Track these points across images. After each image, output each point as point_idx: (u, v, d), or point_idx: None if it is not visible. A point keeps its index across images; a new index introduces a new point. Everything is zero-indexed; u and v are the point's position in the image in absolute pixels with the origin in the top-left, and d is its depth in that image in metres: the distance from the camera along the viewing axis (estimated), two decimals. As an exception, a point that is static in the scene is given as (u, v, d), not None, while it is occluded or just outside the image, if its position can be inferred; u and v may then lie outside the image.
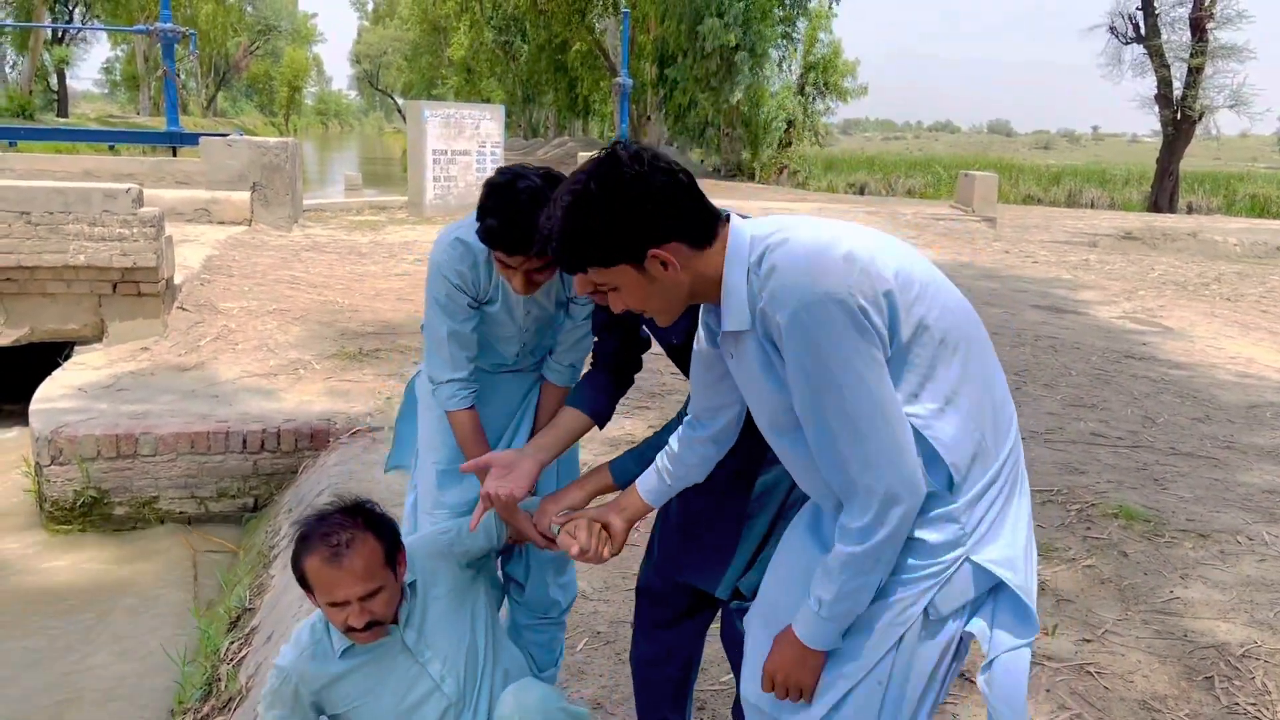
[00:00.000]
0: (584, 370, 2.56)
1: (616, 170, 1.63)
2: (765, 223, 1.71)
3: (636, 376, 2.57)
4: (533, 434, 2.55)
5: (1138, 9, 25.14)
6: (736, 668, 2.37)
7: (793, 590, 1.84)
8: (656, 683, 2.50)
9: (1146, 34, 24.98)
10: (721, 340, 1.76)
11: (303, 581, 2.08)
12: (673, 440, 2.10)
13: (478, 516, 2.28)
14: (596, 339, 2.50)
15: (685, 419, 2.10)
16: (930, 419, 1.64)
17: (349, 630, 2.07)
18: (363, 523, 2.09)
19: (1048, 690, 2.97)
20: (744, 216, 1.78)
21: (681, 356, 2.26)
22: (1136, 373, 7.14)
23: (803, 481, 1.83)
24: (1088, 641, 3.27)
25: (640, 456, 2.23)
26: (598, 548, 2.11)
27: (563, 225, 1.66)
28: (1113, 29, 25.69)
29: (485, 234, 2.20)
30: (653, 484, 2.13)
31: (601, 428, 2.50)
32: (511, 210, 2.14)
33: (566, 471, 2.69)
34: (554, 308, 2.54)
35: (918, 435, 1.63)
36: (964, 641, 1.77)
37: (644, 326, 2.39)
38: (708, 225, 1.69)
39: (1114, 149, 69.01)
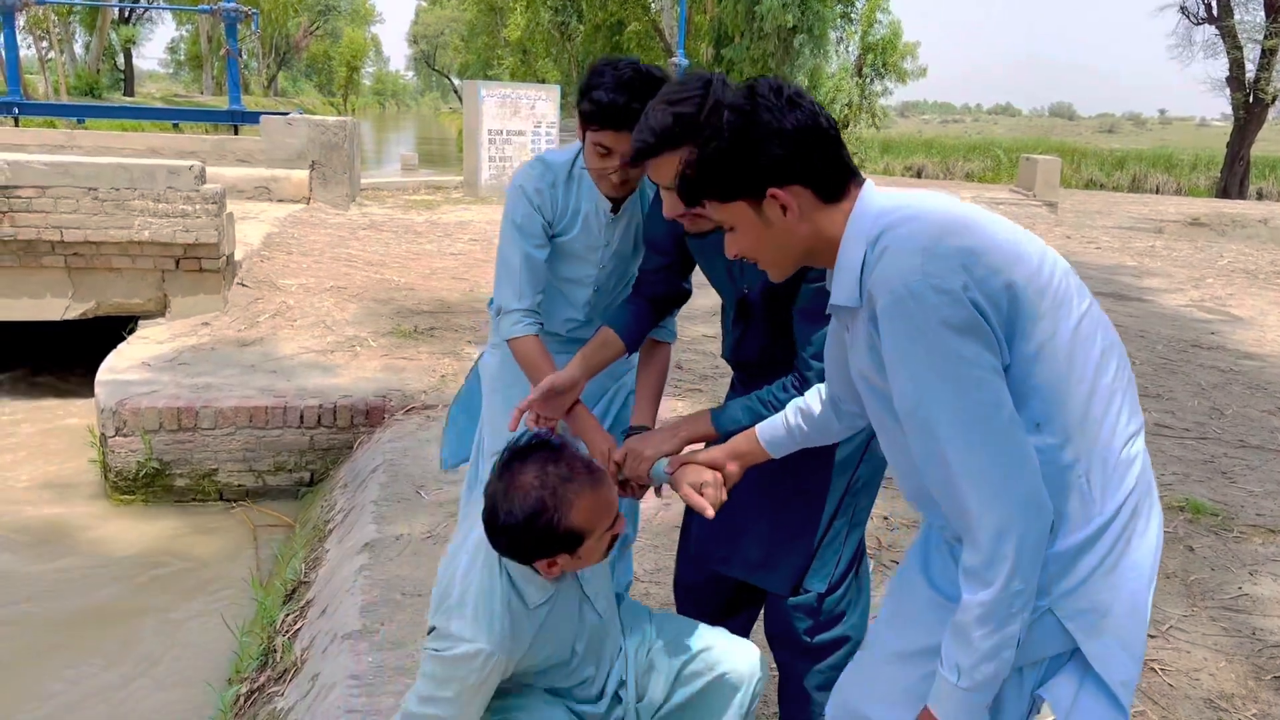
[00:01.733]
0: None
1: (752, 102, 1.55)
2: (898, 196, 1.58)
3: (687, 360, 2.54)
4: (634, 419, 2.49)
5: (1211, -12, 24.43)
6: (784, 666, 2.34)
7: (905, 634, 1.70)
8: None
9: (1219, 14, 24.28)
10: (834, 313, 1.65)
11: (569, 534, 1.83)
12: (813, 395, 1.99)
13: (515, 420, 2.22)
14: (642, 262, 2.44)
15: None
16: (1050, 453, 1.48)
17: (610, 546, 1.92)
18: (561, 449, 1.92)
19: (1110, 686, 2.90)
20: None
21: (748, 313, 2.19)
22: (1204, 362, 6.95)
23: (906, 487, 1.70)
24: (1152, 638, 3.19)
25: (749, 409, 2.14)
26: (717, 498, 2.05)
27: (693, 158, 1.60)
28: (1184, 9, 25.03)
29: (590, 110, 2.19)
30: (778, 435, 2.03)
31: (629, 353, 2.44)
32: (616, 84, 2.16)
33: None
34: (632, 249, 2.52)
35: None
36: (1034, 703, 1.59)
37: (709, 276, 2.31)
38: (839, 179, 1.58)
39: (1181, 133, 67.19)
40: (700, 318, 7.25)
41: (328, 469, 5.48)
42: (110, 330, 6.95)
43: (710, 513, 2.01)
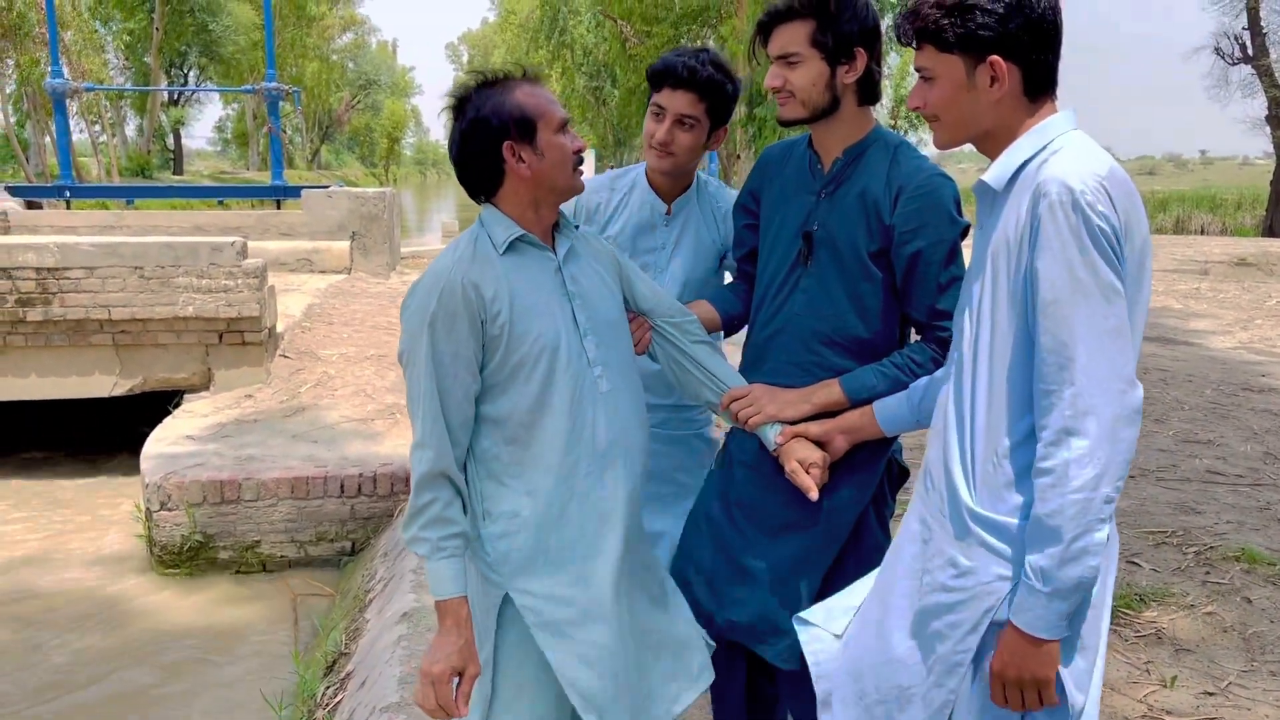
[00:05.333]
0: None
1: None
2: (1088, 140, 1.65)
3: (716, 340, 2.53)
4: None
5: (1244, 29, 24.32)
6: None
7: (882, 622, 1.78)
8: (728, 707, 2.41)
9: (1254, 54, 24.14)
10: (977, 193, 1.72)
11: (518, 114, 1.89)
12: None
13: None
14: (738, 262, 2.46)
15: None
16: None
17: (575, 165, 1.95)
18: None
19: (1168, 748, 2.80)
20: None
21: (807, 256, 2.14)
22: (1255, 406, 6.79)
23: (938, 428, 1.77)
24: (1210, 695, 3.08)
25: (883, 374, 2.11)
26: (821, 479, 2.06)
27: None
28: (1218, 50, 24.92)
29: (655, 67, 2.39)
30: (898, 412, 2.05)
31: (727, 335, 2.46)
32: (685, 51, 2.38)
33: None
34: (702, 274, 2.57)
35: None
36: None
37: (771, 219, 2.28)
38: (1046, 83, 1.66)
39: (1224, 173, 66.58)
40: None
41: (368, 538, 5.50)
42: (156, 403, 7.07)
43: (814, 495, 2.03)
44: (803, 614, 1.96)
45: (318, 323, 8.97)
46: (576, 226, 2.08)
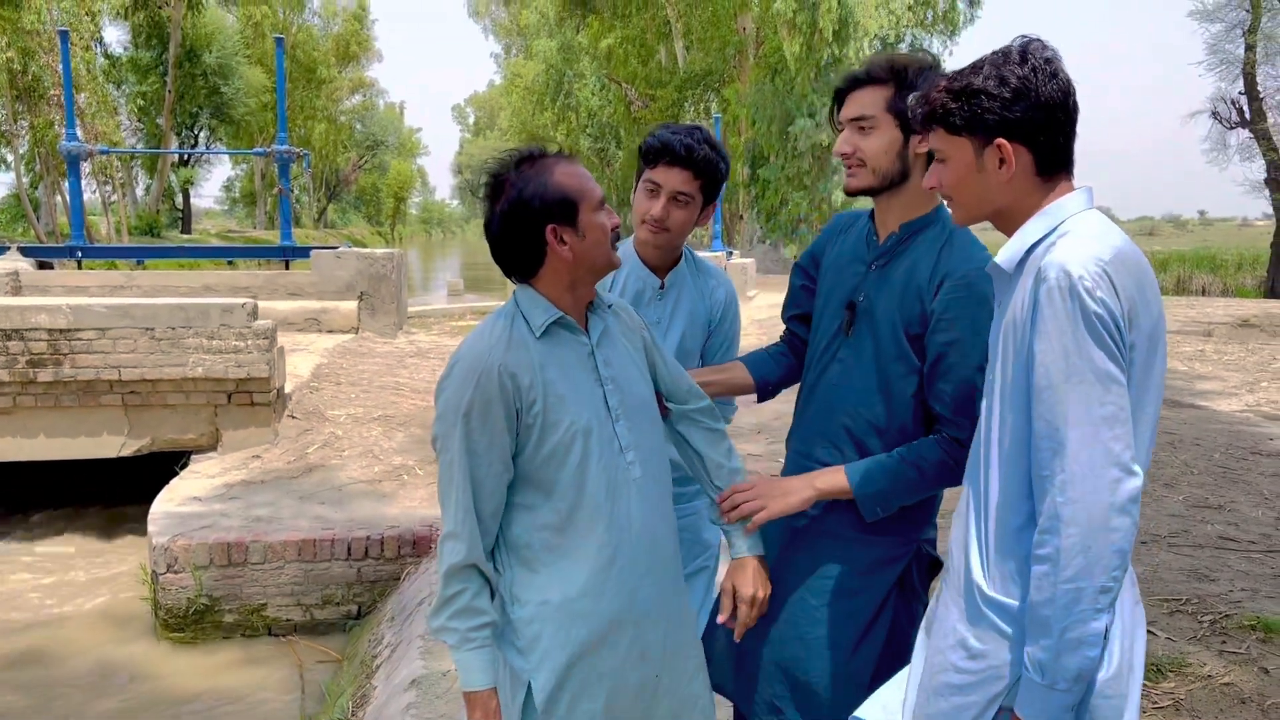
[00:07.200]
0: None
1: (1024, 58, 1.66)
2: (1102, 220, 1.67)
3: (745, 406, 2.54)
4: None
5: (1240, 93, 24.65)
6: None
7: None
8: None
9: (1252, 118, 24.44)
10: (992, 275, 1.76)
11: (560, 195, 1.88)
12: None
13: None
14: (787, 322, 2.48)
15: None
16: None
17: (613, 241, 1.95)
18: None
19: (1190, 824, 2.75)
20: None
21: (849, 325, 2.16)
22: (1265, 470, 6.76)
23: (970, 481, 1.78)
24: (1231, 769, 3.03)
25: (887, 470, 2.08)
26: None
27: (951, 76, 1.71)
28: (1215, 114, 25.22)
29: (649, 143, 2.41)
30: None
31: (760, 400, 2.47)
32: (678, 129, 2.41)
33: None
34: (695, 346, 2.60)
35: None
36: None
37: (824, 287, 2.30)
38: (1059, 161, 1.69)
39: (1223, 233, 66.95)
40: (745, 434, 7.23)
41: (375, 601, 5.46)
42: (164, 465, 7.07)
43: (725, 621, 2.08)
44: (859, 713, 1.93)
45: (326, 383, 8.99)
46: (609, 306, 2.07)
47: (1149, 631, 3.98)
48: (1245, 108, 24.64)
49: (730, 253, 20.11)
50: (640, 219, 2.48)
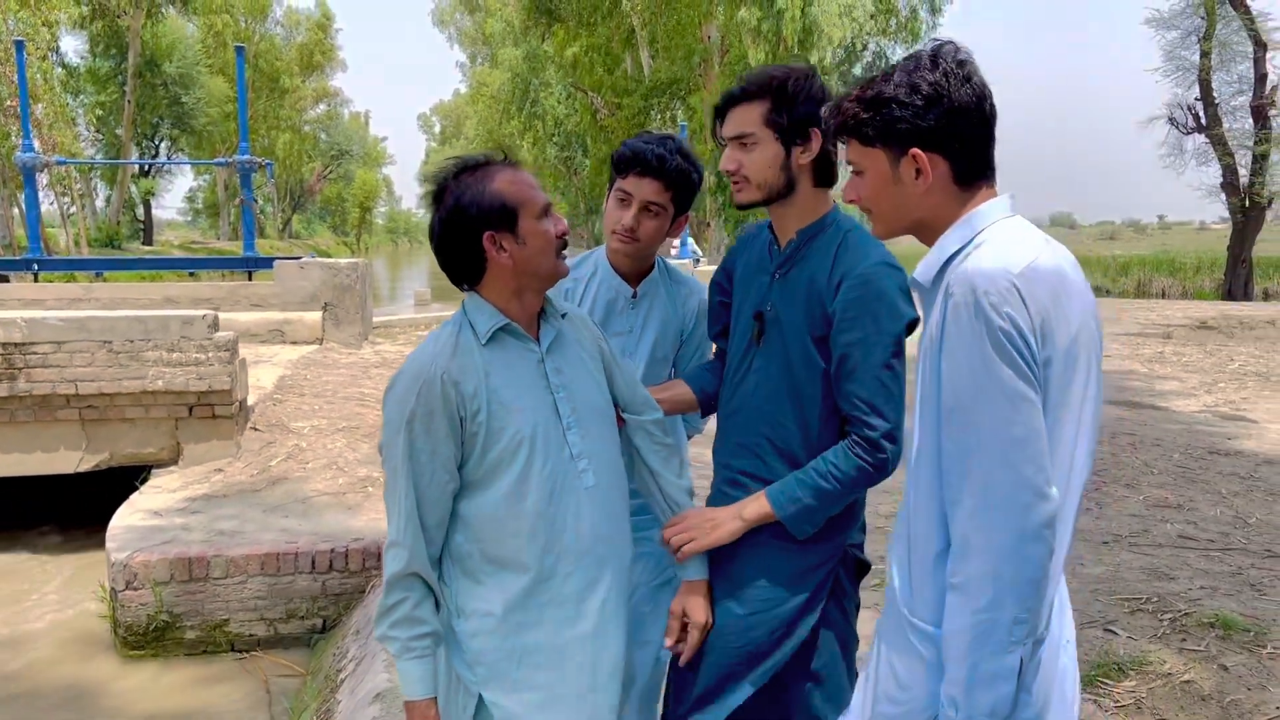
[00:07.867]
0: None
1: (935, 63, 1.59)
2: (1026, 227, 1.60)
3: (700, 421, 2.55)
4: None
5: (1196, 99, 25.05)
6: None
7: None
8: None
9: (1208, 124, 24.83)
10: (914, 289, 1.70)
11: (498, 201, 1.87)
12: None
13: None
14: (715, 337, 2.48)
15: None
16: None
17: (558, 249, 1.93)
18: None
19: (1151, 822, 2.78)
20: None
21: (760, 334, 2.16)
22: (1223, 470, 6.87)
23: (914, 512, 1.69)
24: (1191, 766, 3.07)
25: (805, 484, 2.05)
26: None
27: (862, 85, 1.64)
28: (1172, 120, 25.59)
29: (621, 153, 2.40)
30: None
31: (705, 415, 2.47)
32: (651, 139, 2.40)
33: None
34: (668, 354, 2.59)
35: None
36: None
37: (733, 294, 2.32)
38: (978, 169, 1.61)
39: (1182, 237, 68.04)
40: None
41: (340, 615, 5.40)
42: (123, 480, 6.96)
43: (672, 646, 2.12)
44: None
45: (289, 395, 8.90)
46: (564, 314, 2.06)
47: (1111, 630, 4.02)
48: (1201, 113, 25.03)
49: (698, 259, 20.16)
50: (611, 228, 2.47)
